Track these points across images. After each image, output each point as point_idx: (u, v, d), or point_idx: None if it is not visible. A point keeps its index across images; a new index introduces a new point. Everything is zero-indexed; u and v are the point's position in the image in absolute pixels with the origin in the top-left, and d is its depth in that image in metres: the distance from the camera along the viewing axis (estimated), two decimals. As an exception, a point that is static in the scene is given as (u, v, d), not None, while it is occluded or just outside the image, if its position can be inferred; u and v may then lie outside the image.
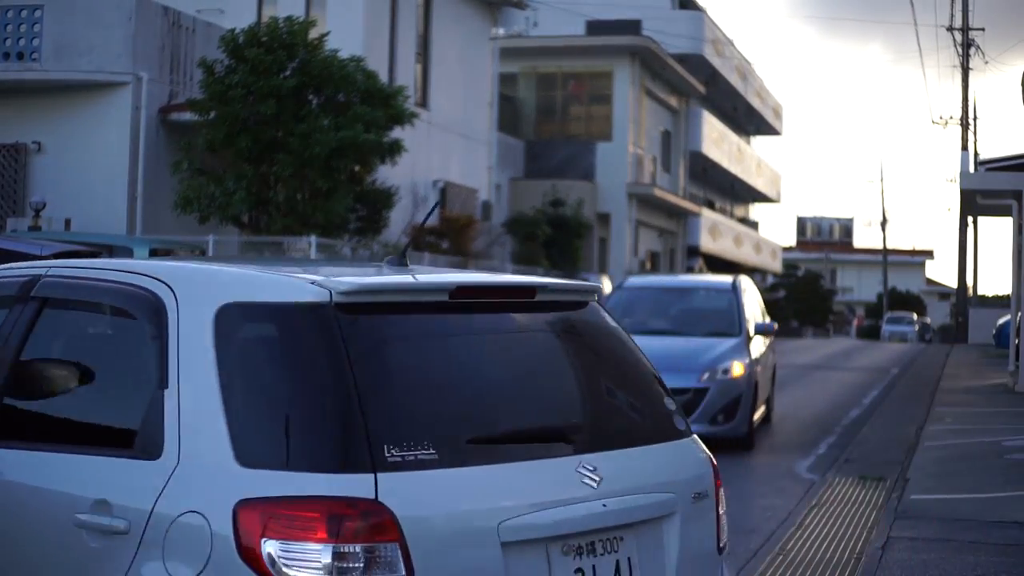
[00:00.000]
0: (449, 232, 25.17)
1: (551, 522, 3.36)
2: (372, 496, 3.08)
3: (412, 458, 3.16)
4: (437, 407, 3.38)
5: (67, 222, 18.08)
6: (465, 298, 3.58)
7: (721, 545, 3.99)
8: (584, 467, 3.49)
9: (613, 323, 4.06)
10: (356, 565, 3.05)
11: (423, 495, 3.17)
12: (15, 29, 19.42)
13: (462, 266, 23.99)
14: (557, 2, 37.48)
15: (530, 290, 3.81)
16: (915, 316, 62.29)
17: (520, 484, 3.36)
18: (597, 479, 3.49)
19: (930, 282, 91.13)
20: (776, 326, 14.56)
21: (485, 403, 3.51)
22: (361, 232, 20.50)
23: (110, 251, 15.27)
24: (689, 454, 3.97)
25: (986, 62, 77.17)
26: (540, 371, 3.78)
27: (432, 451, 3.20)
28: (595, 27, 38.45)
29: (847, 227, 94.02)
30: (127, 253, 15.65)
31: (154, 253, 15.80)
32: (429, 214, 4.85)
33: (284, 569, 3.06)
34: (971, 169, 28.73)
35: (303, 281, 3.39)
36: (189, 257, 14.62)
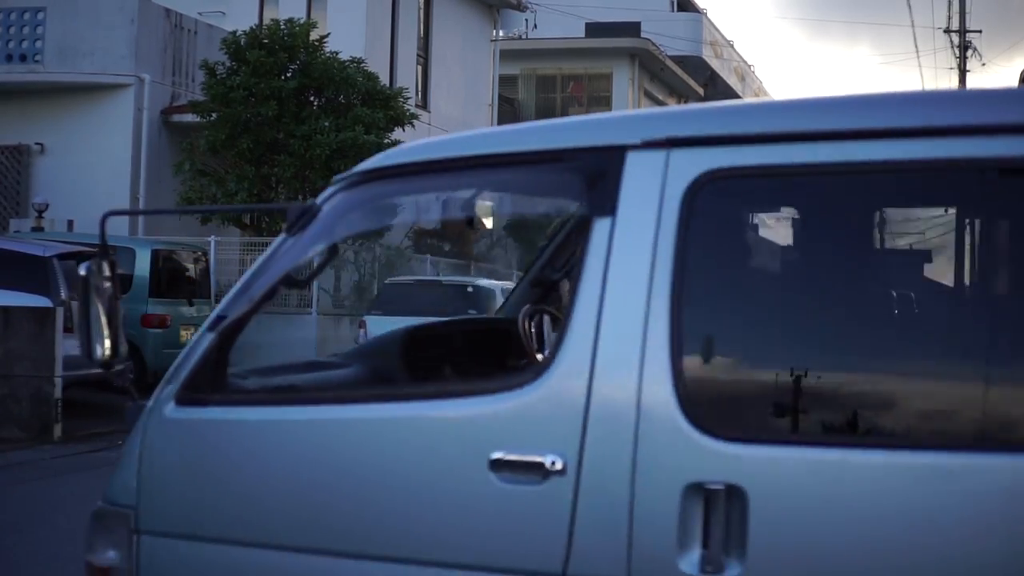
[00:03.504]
0: (450, 234, 25.23)
1: None
2: None
3: None
4: None
5: (69, 223, 18.16)
6: None
7: None
8: None
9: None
10: None
11: None
12: (18, 31, 19.52)
13: (464, 268, 24.09)
14: (557, 4, 37.57)
15: None
16: None
17: None
18: None
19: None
20: None
21: None
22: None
23: (113, 252, 15.34)
24: None
25: (983, 64, 77.30)
26: None
27: None
28: (594, 29, 38.52)
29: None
30: (129, 254, 15.73)
31: (156, 254, 15.88)
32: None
33: None
34: (969, 171, 28.77)
35: None
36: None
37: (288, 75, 18.73)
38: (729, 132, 3.04)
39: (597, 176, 3.10)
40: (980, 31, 51.97)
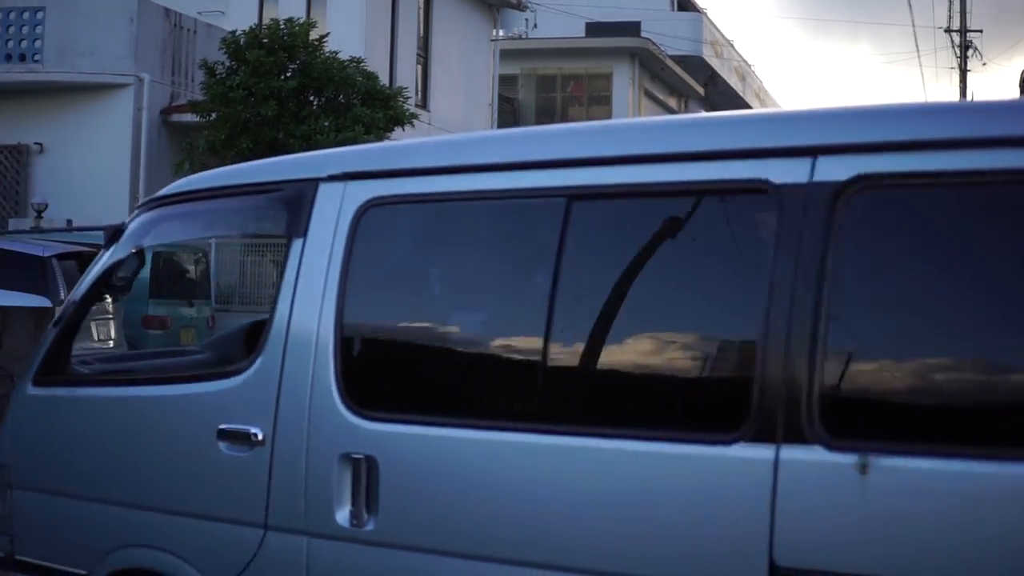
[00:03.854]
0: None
1: None
2: None
3: None
4: None
5: (68, 223, 18.11)
6: None
7: None
8: None
9: None
10: None
11: None
12: (17, 31, 19.47)
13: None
14: (557, 4, 37.51)
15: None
16: None
17: None
18: None
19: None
20: None
21: None
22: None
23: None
24: None
25: (984, 64, 77.08)
26: None
27: None
28: (595, 29, 38.47)
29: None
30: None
31: (156, 256, 15.83)
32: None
33: None
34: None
35: None
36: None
37: (288, 75, 18.67)
38: (388, 167, 3.86)
39: (299, 203, 3.90)
40: (981, 31, 51.82)
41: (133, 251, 4.52)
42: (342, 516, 3.57)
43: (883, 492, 2.85)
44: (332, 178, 3.87)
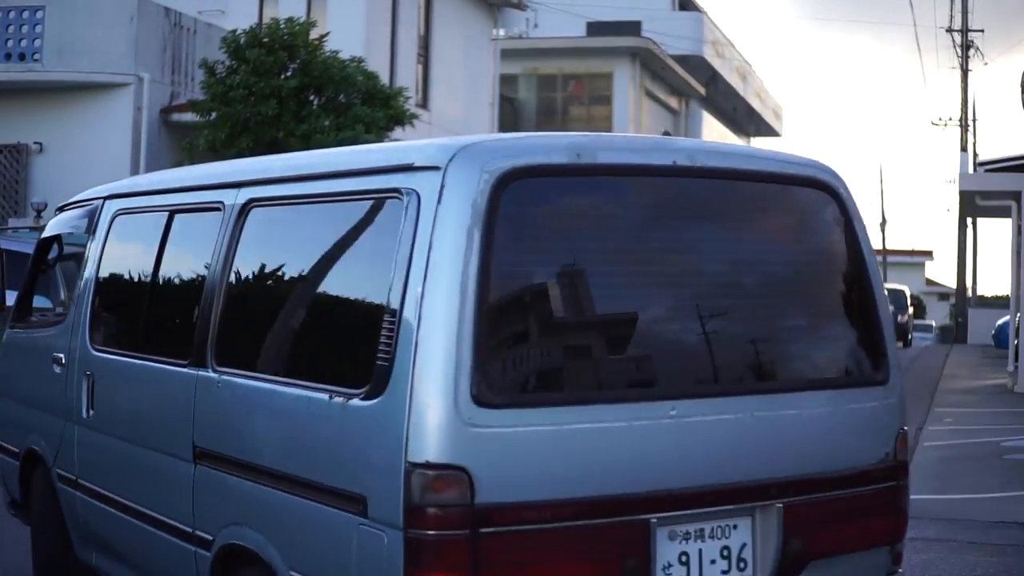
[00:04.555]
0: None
1: None
2: None
3: None
4: None
5: (68, 222, 18.09)
6: None
7: None
8: None
9: None
10: None
11: None
12: (16, 30, 19.46)
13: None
14: (558, 3, 37.50)
15: None
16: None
17: None
18: None
19: (930, 282, 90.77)
20: None
21: None
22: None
23: None
24: None
25: (985, 63, 76.94)
26: None
27: None
28: (595, 28, 38.46)
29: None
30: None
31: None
32: None
33: None
34: (970, 170, 28.75)
35: None
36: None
37: (288, 74, 18.64)
38: (128, 191, 6.18)
39: (95, 213, 6.18)
40: (982, 30, 51.63)
41: (53, 239, 6.92)
42: (84, 411, 5.78)
43: (223, 397, 4.67)
44: (108, 197, 6.13)
